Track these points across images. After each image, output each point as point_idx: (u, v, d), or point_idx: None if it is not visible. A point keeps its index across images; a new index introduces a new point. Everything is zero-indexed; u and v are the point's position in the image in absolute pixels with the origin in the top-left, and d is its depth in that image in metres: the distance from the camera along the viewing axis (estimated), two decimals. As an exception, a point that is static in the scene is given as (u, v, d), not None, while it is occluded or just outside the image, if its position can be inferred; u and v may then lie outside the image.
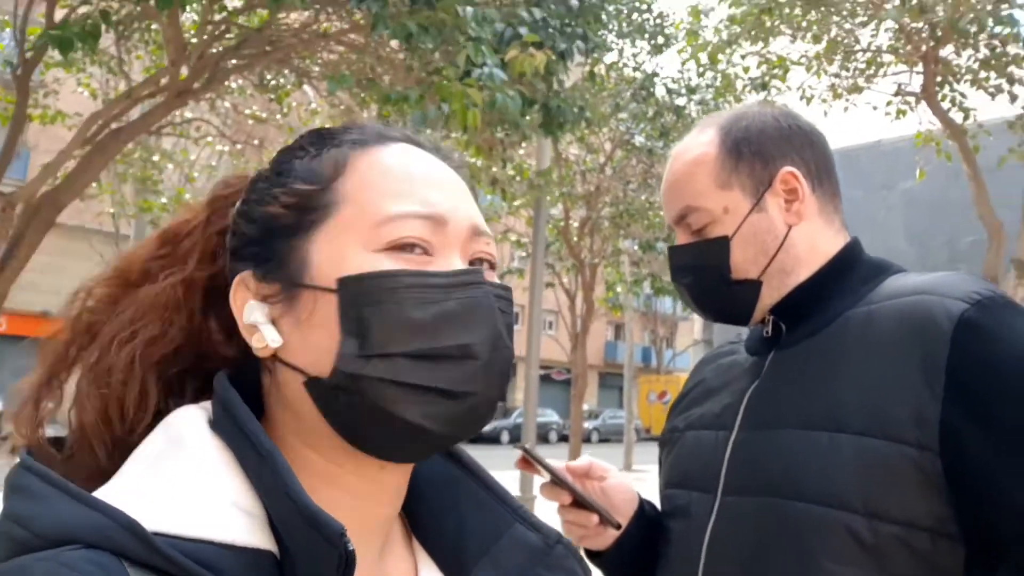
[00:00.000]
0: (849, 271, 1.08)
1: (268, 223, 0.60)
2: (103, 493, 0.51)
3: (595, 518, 1.08)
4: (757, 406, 1.06)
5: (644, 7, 9.67)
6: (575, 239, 10.76)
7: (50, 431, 0.61)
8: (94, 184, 8.37)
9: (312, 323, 0.57)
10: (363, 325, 0.55)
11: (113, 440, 0.60)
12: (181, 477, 0.53)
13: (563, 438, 23.84)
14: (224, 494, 0.53)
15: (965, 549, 0.88)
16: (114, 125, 5.81)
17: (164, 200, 9.04)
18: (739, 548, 0.99)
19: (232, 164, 9.80)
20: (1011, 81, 6.68)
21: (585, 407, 13.63)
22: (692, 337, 33.70)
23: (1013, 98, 6.77)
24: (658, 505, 1.19)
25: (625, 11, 9.34)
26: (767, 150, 1.11)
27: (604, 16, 7.15)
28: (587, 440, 24.07)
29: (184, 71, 5.70)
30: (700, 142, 1.14)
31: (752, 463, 1.01)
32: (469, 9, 4.35)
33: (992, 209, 6.57)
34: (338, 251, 0.58)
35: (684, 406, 1.22)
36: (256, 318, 0.59)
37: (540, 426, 23.49)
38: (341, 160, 0.61)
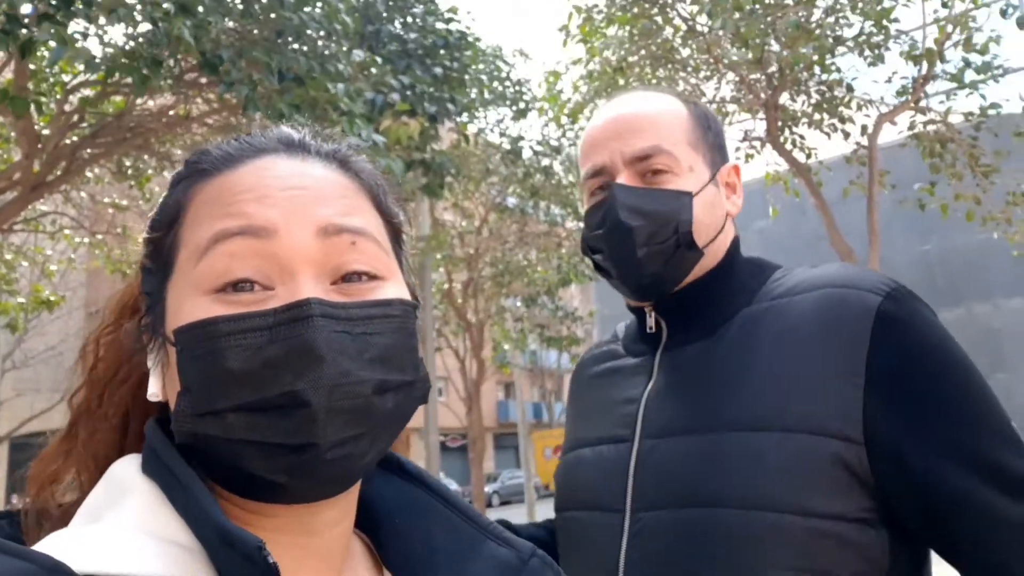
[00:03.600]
0: (733, 270, 1.05)
1: (143, 271, 0.58)
2: (43, 544, 0.49)
3: None
4: (656, 411, 0.98)
5: (504, 75, 10.05)
6: (460, 301, 10.82)
7: None
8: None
9: (171, 376, 0.54)
10: (193, 380, 0.52)
11: None
12: (115, 519, 0.51)
13: (464, 505, 23.33)
14: (158, 531, 0.50)
15: (889, 535, 0.87)
16: (-40, 225, 5.43)
17: (21, 300, 8.43)
18: (662, 569, 0.90)
19: (93, 255, 9.30)
20: (842, 120, 7.36)
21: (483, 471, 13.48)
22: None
23: (846, 135, 7.46)
24: None
25: (485, 79, 9.67)
26: (722, 140, 1.09)
27: (467, 80, 7.39)
28: (489, 504, 23.75)
29: (36, 164, 5.42)
30: (665, 99, 1.07)
31: (666, 473, 0.93)
32: (340, 86, 4.39)
33: (842, 237, 7.14)
34: (178, 298, 0.54)
35: (571, 420, 1.15)
36: (150, 364, 0.56)
37: (440, 495, 22.90)
38: (182, 200, 0.57)
